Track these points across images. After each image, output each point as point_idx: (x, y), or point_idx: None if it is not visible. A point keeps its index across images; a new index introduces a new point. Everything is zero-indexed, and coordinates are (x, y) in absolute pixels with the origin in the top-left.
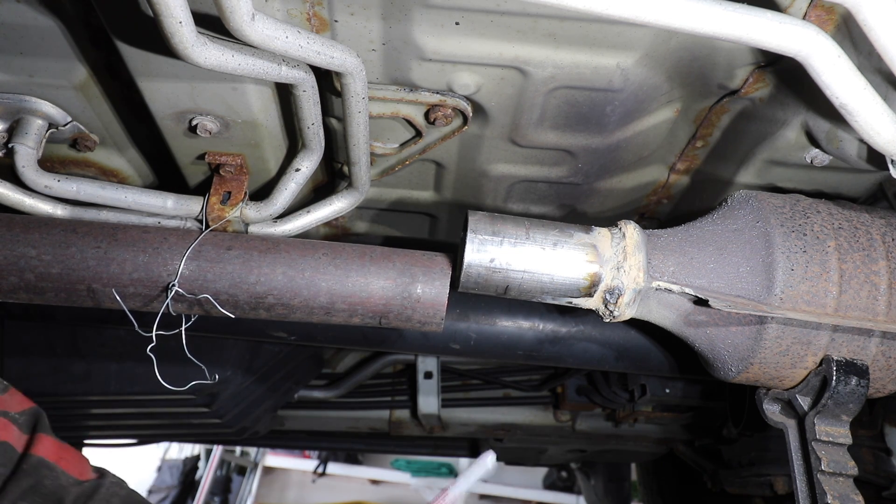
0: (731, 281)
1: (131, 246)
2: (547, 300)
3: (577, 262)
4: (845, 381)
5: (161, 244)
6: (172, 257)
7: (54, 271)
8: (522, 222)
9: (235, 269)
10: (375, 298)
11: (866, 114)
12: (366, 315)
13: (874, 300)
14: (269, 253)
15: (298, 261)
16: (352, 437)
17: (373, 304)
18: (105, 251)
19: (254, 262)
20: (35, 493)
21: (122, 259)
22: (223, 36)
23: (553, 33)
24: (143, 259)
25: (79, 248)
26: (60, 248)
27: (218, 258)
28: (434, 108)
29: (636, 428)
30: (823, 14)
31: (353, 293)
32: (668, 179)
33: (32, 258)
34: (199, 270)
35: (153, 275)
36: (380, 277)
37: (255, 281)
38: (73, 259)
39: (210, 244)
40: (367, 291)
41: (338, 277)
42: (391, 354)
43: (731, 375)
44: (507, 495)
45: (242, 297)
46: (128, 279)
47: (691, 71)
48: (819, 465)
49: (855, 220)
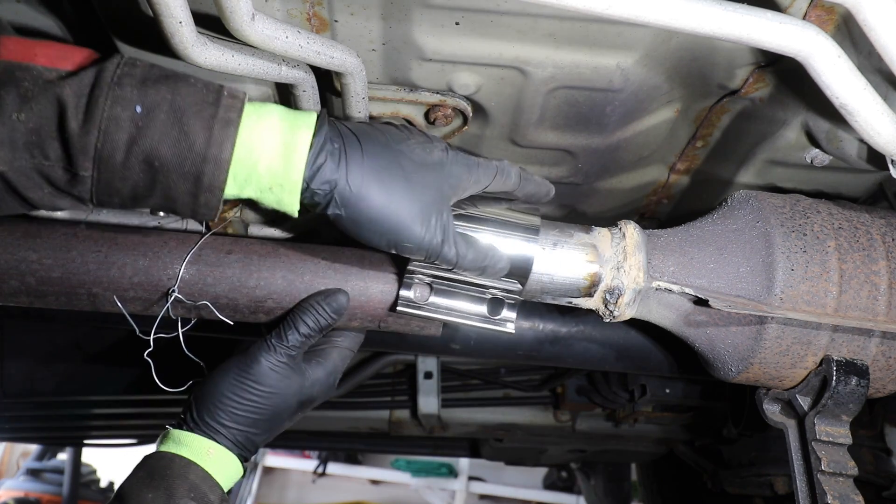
0: (731, 281)
1: (132, 250)
2: (547, 300)
3: (576, 262)
4: (845, 381)
5: (161, 248)
6: (173, 261)
7: (55, 275)
8: None
9: (235, 274)
10: (374, 302)
11: (866, 114)
12: (365, 319)
13: (874, 300)
14: (269, 257)
15: (298, 265)
16: (352, 437)
17: (371, 308)
18: (105, 255)
19: (254, 266)
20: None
21: (122, 263)
22: (223, 36)
23: (553, 33)
24: (143, 263)
25: (79, 252)
26: (61, 252)
27: (218, 262)
28: (434, 108)
29: (636, 428)
30: (823, 14)
31: (352, 297)
32: (668, 179)
33: (33, 262)
34: (200, 275)
35: (153, 279)
36: (379, 281)
37: (254, 285)
38: (73, 263)
39: (210, 248)
40: (366, 295)
41: (337, 281)
42: (391, 354)
43: (732, 375)
44: (507, 495)
45: (242, 301)
46: (128, 283)
47: (691, 71)
48: (819, 465)
49: (855, 220)
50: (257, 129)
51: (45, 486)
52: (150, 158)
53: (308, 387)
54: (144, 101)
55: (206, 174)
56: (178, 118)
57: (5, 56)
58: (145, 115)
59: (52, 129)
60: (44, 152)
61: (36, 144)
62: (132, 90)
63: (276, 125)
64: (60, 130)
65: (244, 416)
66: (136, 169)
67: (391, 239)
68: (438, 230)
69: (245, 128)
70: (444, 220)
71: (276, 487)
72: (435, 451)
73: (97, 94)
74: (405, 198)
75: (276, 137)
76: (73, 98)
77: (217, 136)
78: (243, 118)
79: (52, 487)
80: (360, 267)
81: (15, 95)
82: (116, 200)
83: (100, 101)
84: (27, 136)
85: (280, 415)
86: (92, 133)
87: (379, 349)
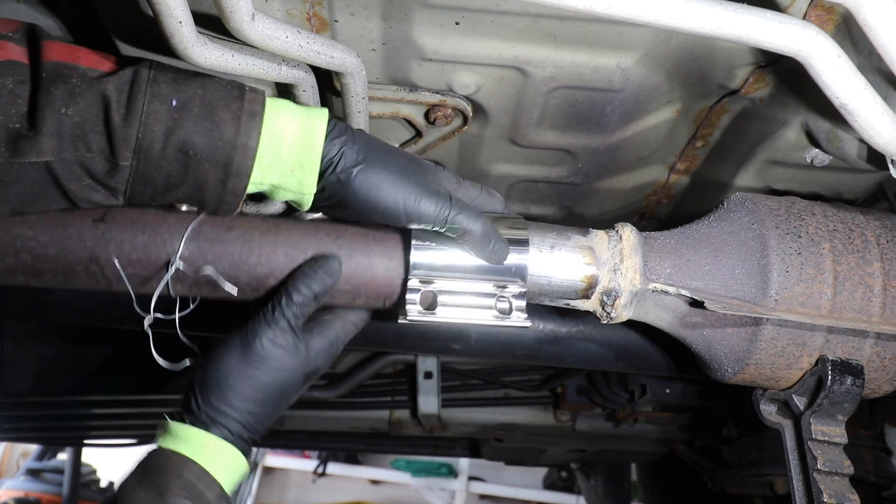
0: (726, 283)
1: (130, 226)
2: (545, 302)
3: (574, 265)
4: (840, 381)
5: (160, 224)
6: (172, 237)
7: (51, 252)
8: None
9: (236, 250)
10: (379, 279)
11: (866, 114)
12: (370, 297)
13: (869, 301)
14: (271, 233)
15: (300, 241)
16: (352, 437)
17: (376, 286)
18: (103, 232)
19: (255, 242)
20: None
21: (120, 240)
22: (223, 36)
23: (553, 33)
24: (141, 240)
25: (76, 229)
26: (58, 229)
27: (218, 238)
28: (434, 108)
29: (636, 428)
30: (823, 14)
31: (356, 274)
32: (668, 179)
33: (29, 239)
34: (199, 251)
35: (152, 255)
36: (384, 258)
37: (256, 262)
38: (70, 240)
39: (210, 224)
40: (370, 272)
41: (341, 257)
42: (391, 354)
43: (728, 376)
44: (507, 495)
45: (244, 278)
46: (126, 260)
47: (691, 71)
48: (815, 465)
49: (850, 221)
50: (279, 118)
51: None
52: (185, 147)
53: (312, 358)
54: (179, 97)
55: (236, 161)
56: (210, 111)
57: (53, 58)
58: (180, 108)
59: (95, 122)
60: (87, 144)
61: (80, 137)
62: (167, 87)
63: (294, 114)
64: (105, 123)
65: (252, 395)
66: (172, 158)
67: (400, 199)
68: (444, 198)
69: (269, 117)
70: (449, 192)
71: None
72: (435, 451)
73: (136, 90)
74: (409, 168)
75: (296, 124)
76: (116, 94)
77: (245, 126)
78: (266, 109)
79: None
80: (365, 243)
81: (63, 91)
82: (149, 191)
83: (139, 96)
84: (73, 130)
85: (288, 390)
86: (133, 125)
87: (379, 349)
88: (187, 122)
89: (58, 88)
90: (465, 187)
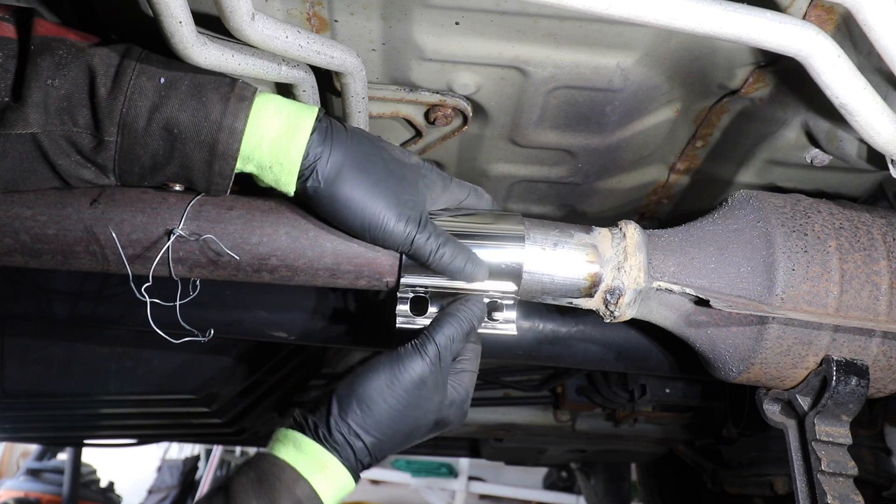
0: (731, 281)
1: (129, 206)
2: (547, 300)
3: (577, 263)
4: (845, 382)
5: (160, 204)
6: (172, 217)
7: (50, 232)
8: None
9: (237, 230)
10: (381, 259)
11: (866, 114)
12: (372, 277)
13: (875, 300)
14: (272, 213)
15: (302, 221)
16: None
17: (379, 266)
18: (102, 211)
19: (256, 222)
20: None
21: (120, 219)
22: (223, 36)
23: (553, 33)
24: (141, 219)
25: (75, 209)
26: (56, 209)
27: (219, 218)
28: (434, 108)
29: (636, 428)
30: (823, 14)
31: (359, 254)
32: (668, 179)
33: (27, 218)
34: (200, 231)
35: (152, 235)
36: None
37: (257, 241)
38: (69, 220)
39: (210, 204)
40: (373, 251)
41: (343, 238)
42: None
43: (732, 376)
44: (507, 495)
45: (245, 258)
46: (126, 240)
47: (691, 71)
48: (819, 466)
49: (856, 219)
50: (265, 109)
51: (45, 486)
52: (169, 125)
53: (446, 406)
54: (168, 75)
55: (221, 142)
56: (198, 91)
57: (42, 32)
58: (168, 85)
59: (81, 95)
60: (73, 118)
61: (66, 111)
62: (158, 64)
63: (282, 108)
64: (91, 96)
65: (388, 426)
66: (157, 136)
67: (366, 222)
68: (412, 222)
69: (256, 106)
70: (421, 213)
71: None
72: (435, 451)
73: (126, 64)
74: (383, 184)
75: (282, 119)
76: (103, 67)
77: (232, 108)
78: (256, 98)
79: (52, 487)
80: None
81: (50, 62)
82: (137, 169)
83: (128, 70)
84: (59, 102)
85: (418, 429)
86: (118, 99)
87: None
88: (173, 100)
89: (45, 60)
90: (453, 189)
